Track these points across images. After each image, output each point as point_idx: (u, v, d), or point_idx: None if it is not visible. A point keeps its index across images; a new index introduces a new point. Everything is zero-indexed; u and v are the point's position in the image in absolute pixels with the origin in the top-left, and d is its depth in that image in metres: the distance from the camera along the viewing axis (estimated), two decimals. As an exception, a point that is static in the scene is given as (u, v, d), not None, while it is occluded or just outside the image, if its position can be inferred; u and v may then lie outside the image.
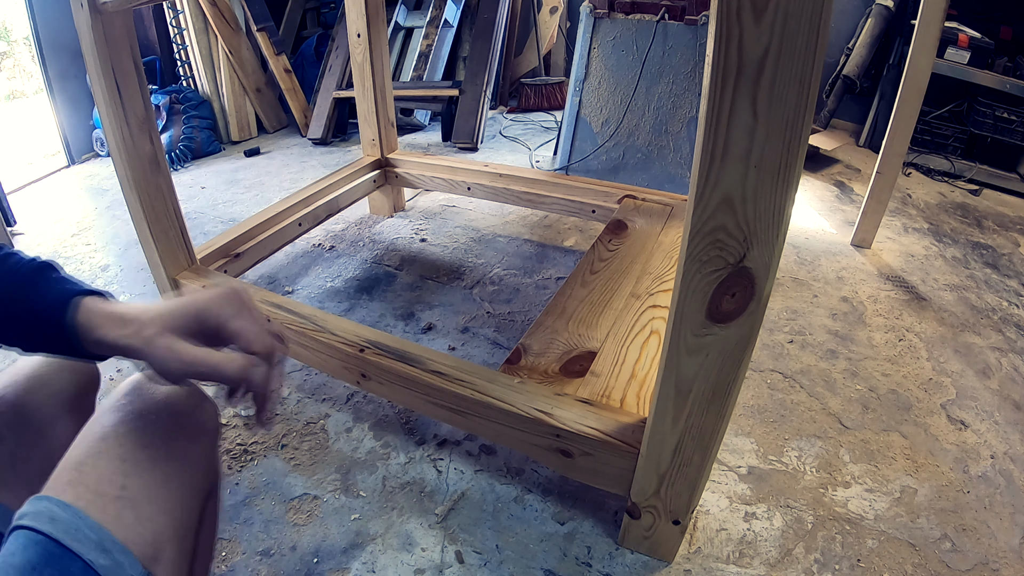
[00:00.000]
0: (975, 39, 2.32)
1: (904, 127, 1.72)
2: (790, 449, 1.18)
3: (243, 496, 1.08)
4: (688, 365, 0.73)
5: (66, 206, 2.27)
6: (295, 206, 1.68)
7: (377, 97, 1.89)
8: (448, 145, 2.86)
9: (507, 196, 1.86)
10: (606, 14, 2.12)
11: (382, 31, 1.83)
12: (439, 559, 0.97)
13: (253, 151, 2.78)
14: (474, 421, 1.00)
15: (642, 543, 0.96)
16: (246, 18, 2.86)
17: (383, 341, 1.10)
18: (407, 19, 3.06)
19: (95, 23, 1.05)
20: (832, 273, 1.78)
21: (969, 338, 1.51)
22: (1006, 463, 1.16)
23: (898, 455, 1.17)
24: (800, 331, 1.52)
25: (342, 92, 2.84)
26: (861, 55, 2.60)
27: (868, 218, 1.89)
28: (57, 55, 2.51)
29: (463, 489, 1.10)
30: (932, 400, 1.31)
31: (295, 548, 0.99)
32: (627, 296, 1.24)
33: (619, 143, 2.22)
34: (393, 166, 2.01)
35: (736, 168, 0.58)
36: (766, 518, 1.04)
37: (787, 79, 0.53)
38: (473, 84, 2.78)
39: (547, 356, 1.08)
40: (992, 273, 1.81)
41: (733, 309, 0.67)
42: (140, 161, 1.20)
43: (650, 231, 1.50)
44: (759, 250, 0.62)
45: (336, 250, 1.92)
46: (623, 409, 0.95)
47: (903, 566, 0.96)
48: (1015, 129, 2.38)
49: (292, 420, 1.25)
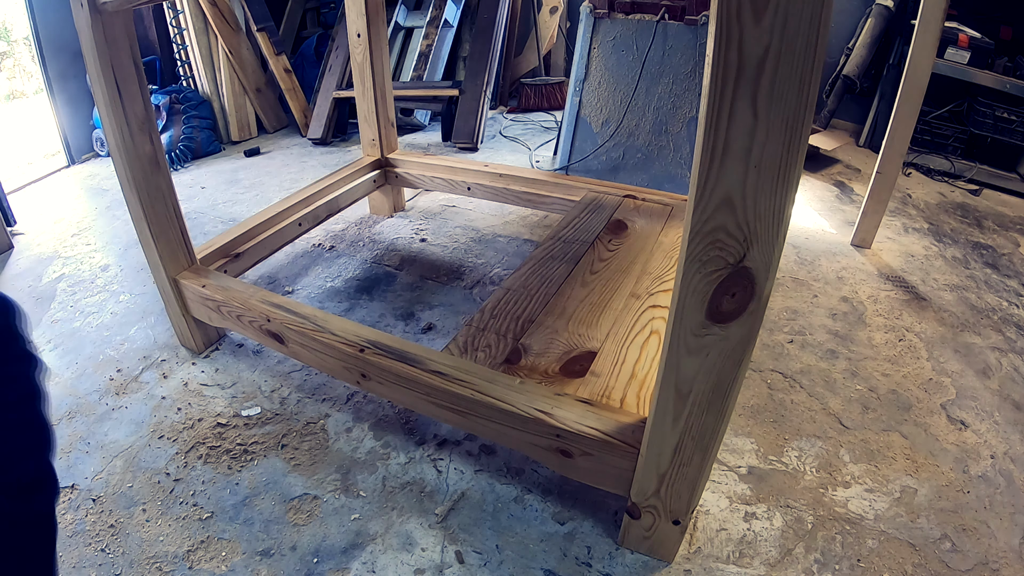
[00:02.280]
0: (975, 39, 2.32)
1: (904, 127, 1.72)
2: (790, 449, 1.18)
3: (243, 496, 1.08)
4: (688, 365, 0.73)
5: (66, 206, 2.27)
6: (295, 206, 1.68)
7: (377, 97, 1.89)
8: (448, 145, 2.86)
9: (507, 196, 1.86)
10: (606, 14, 2.12)
11: (382, 31, 1.83)
12: (439, 559, 0.97)
13: (253, 151, 2.78)
14: (474, 421, 1.00)
15: (642, 543, 0.96)
16: (246, 18, 2.86)
17: (383, 341, 1.10)
18: (407, 19, 3.06)
19: (95, 23, 1.05)
20: (832, 273, 1.78)
21: (969, 338, 1.51)
22: (1006, 463, 1.16)
23: (898, 455, 1.17)
24: (800, 331, 1.52)
25: (342, 92, 2.84)
26: (861, 55, 2.60)
27: (868, 218, 1.89)
28: (57, 55, 2.51)
29: (463, 489, 1.10)
30: (932, 400, 1.31)
31: (295, 548, 0.99)
32: (627, 296, 1.24)
33: (619, 143, 2.22)
34: (393, 166, 2.01)
35: (736, 168, 0.58)
36: (766, 518, 1.04)
37: (787, 79, 0.53)
38: (473, 84, 2.78)
39: (547, 356, 1.08)
40: (992, 273, 1.81)
41: (733, 309, 0.67)
42: (140, 161, 1.20)
43: (650, 231, 1.50)
44: (759, 250, 0.62)
45: (336, 250, 1.92)
46: (623, 409, 0.95)
47: (903, 566, 0.96)
48: (1015, 129, 2.38)
49: (292, 420, 1.25)
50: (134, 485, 1.11)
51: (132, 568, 0.96)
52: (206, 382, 1.36)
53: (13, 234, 2.03)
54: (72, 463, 1.15)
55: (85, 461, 1.16)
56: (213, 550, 0.99)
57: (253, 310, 1.22)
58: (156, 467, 1.14)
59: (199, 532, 1.02)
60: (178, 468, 1.14)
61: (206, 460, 1.16)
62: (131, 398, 1.31)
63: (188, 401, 1.30)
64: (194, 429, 1.23)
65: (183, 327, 1.42)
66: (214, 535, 1.01)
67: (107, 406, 1.29)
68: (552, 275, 1.32)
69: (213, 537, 1.01)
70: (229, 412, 1.27)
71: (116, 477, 1.12)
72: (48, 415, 0.66)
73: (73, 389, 1.34)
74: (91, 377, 1.38)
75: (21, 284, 1.76)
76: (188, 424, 1.24)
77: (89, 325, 1.56)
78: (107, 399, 1.31)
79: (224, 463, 1.15)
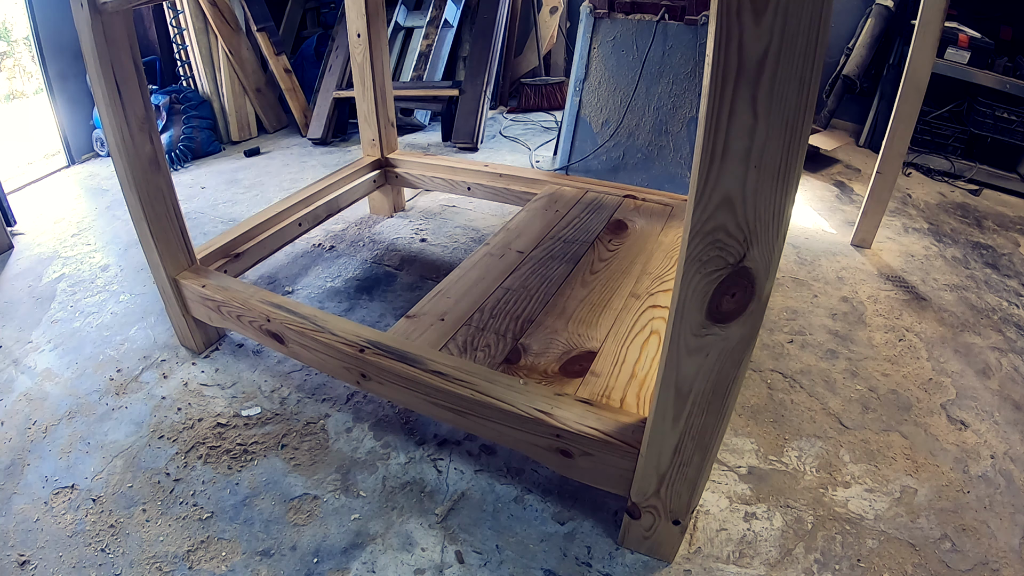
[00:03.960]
0: (975, 39, 2.32)
1: (904, 127, 1.72)
2: (790, 449, 1.18)
3: (243, 496, 1.08)
4: (688, 365, 0.73)
5: (66, 206, 2.27)
6: (295, 206, 1.68)
7: (377, 97, 1.89)
8: (448, 145, 2.86)
9: (507, 196, 1.86)
10: (606, 14, 2.12)
11: (382, 31, 1.83)
12: (439, 559, 0.97)
13: (253, 151, 2.78)
14: (474, 421, 1.00)
15: (642, 543, 0.96)
16: (246, 18, 2.86)
17: (383, 341, 1.10)
18: (407, 19, 3.06)
19: (95, 23, 1.05)
20: (832, 273, 1.78)
21: (969, 338, 1.51)
22: (1006, 463, 1.16)
23: (898, 455, 1.17)
24: (800, 331, 1.52)
25: (342, 92, 2.84)
26: (861, 55, 2.60)
27: (868, 218, 1.89)
28: (57, 55, 2.51)
29: (463, 489, 1.10)
30: (932, 400, 1.31)
31: (295, 548, 0.99)
32: (627, 296, 1.24)
33: (619, 143, 2.22)
34: (393, 166, 2.01)
35: (736, 168, 0.58)
36: (766, 518, 1.04)
37: (787, 79, 0.53)
38: (473, 84, 2.78)
39: (547, 356, 1.08)
40: (992, 273, 1.81)
41: (733, 309, 0.67)
42: (140, 161, 1.20)
43: (650, 231, 1.50)
44: (759, 250, 0.62)
45: (336, 250, 1.92)
46: (623, 409, 0.95)
47: (903, 566, 0.96)
48: (1015, 129, 2.38)
49: (292, 420, 1.25)
50: (134, 485, 1.11)
51: (132, 568, 0.96)
52: (206, 382, 1.36)
53: (13, 234, 2.03)
54: (72, 463, 1.15)
55: (85, 461, 1.16)
56: (213, 550, 0.99)
57: (253, 310, 1.22)
58: (156, 467, 1.14)
59: (199, 532, 1.02)
60: (178, 468, 1.14)
61: (206, 460, 1.16)
62: (131, 398, 1.31)
63: (188, 401, 1.30)
64: (194, 429, 1.23)
65: (183, 327, 1.42)
66: (214, 535, 1.01)
67: (107, 406, 1.29)
68: (552, 275, 1.32)
69: (213, 537, 1.01)
70: (229, 412, 1.27)
71: (116, 477, 1.12)
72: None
73: (73, 389, 1.34)
74: (91, 377, 1.38)
75: (21, 284, 1.76)
76: (188, 424, 1.24)
77: (89, 325, 1.56)
78: (107, 399, 1.31)
79: (224, 463, 1.15)
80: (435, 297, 1.25)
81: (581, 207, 1.63)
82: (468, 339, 1.13)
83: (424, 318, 1.19)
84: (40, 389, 1.35)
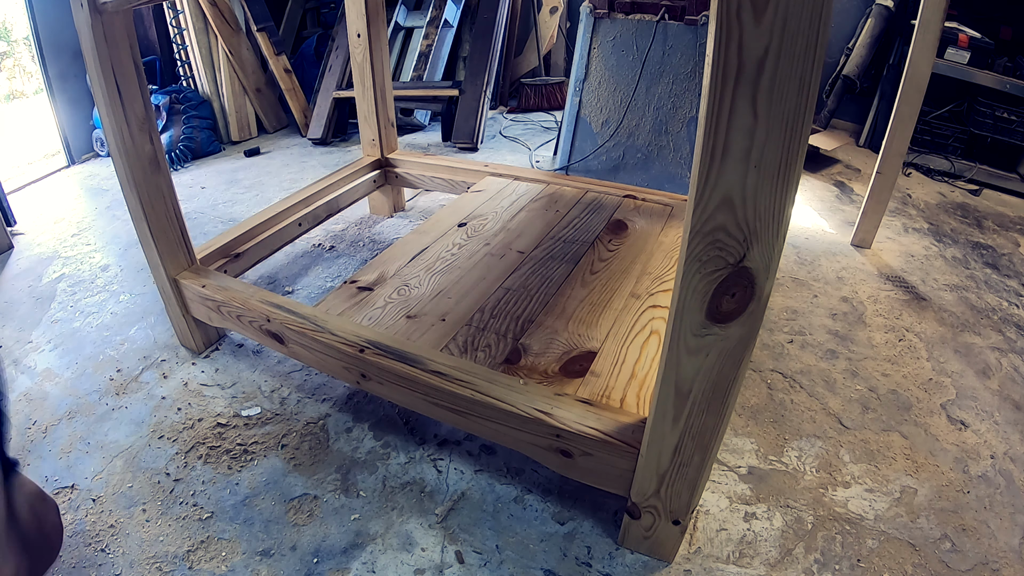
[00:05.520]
0: (975, 39, 2.32)
1: (904, 127, 1.72)
2: (790, 449, 1.18)
3: (243, 496, 1.08)
4: (688, 365, 0.73)
5: (66, 206, 2.27)
6: (295, 206, 1.69)
7: (377, 97, 1.89)
8: (448, 145, 2.86)
9: (507, 196, 1.86)
10: (606, 14, 2.12)
11: (382, 31, 1.83)
12: (439, 559, 0.97)
13: (253, 151, 2.78)
14: (474, 421, 1.00)
15: (642, 543, 0.96)
16: (246, 18, 2.86)
17: (383, 341, 1.10)
18: (407, 19, 3.06)
19: (95, 23, 1.05)
20: (832, 273, 1.78)
21: (969, 338, 1.51)
22: (1006, 463, 1.16)
23: (898, 455, 1.17)
24: (800, 331, 1.52)
25: (342, 92, 2.84)
26: (861, 55, 2.60)
27: (868, 218, 1.89)
28: (57, 55, 2.51)
29: (463, 489, 1.10)
30: (932, 400, 1.31)
31: (295, 548, 0.99)
32: (627, 296, 1.24)
33: (619, 143, 2.22)
34: (393, 166, 2.01)
35: (736, 168, 0.58)
36: (766, 518, 1.04)
37: (787, 79, 0.53)
38: (473, 84, 2.78)
39: (547, 356, 1.08)
40: (992, 273, 1.81)
41: (733, 309, 0.67)
42: (140, 161, 1.21)
43: (650, 231, 1.50)
44: (759, 250, 0.62)
45: (336, 250, 1.92)
46: (623, 409, 0.95)
47: (903, 566, 0.96)
48: (1015, 129, 2.38)
49: (292, 420, 1.25)
50: (134, 485, 1.11)
51: (132, 568, 0.96)
52: (206, 382, 1.36)
53: (13, 234, 2.03)
54: (72, 463, 1.15)
55: (85, 461, 1.16)
56: (213, 550, 0.99)
57: (253, 310, 1.22)
58: (156, 467, 1.14)
59: (199, 532, 1.02)
60: (178, 468, 1.14)
61: (206, 460, 1.16)
62: (131, 398, 1.31)
63: (188, 401, 1.30)
64: (194, 429, 1.23)
65: (183, 327, 1.42)
66: (214, 535, 1.01)
67: (107, 406, 1.29)
68: (552, 275, 1.32)
69: (213, 537, 1.01)
70: (229, 412, 1.27)
71: (116, 477, 1.12)
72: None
73: (73, 389, 1.34)
74: (91, 377, 1.38)
75: (21, 284, 1.76)
76: (188, 424, 1.24)
77: (89, 325, 1.56)
78: (107, 399, 1.31)
79: (224, 463, 1.15)
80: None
81: (581, 207, 1.63)
82: (469, 339, 1.13)
83: (424, 318, 1.19)
84: (40, 389, 1.35)
